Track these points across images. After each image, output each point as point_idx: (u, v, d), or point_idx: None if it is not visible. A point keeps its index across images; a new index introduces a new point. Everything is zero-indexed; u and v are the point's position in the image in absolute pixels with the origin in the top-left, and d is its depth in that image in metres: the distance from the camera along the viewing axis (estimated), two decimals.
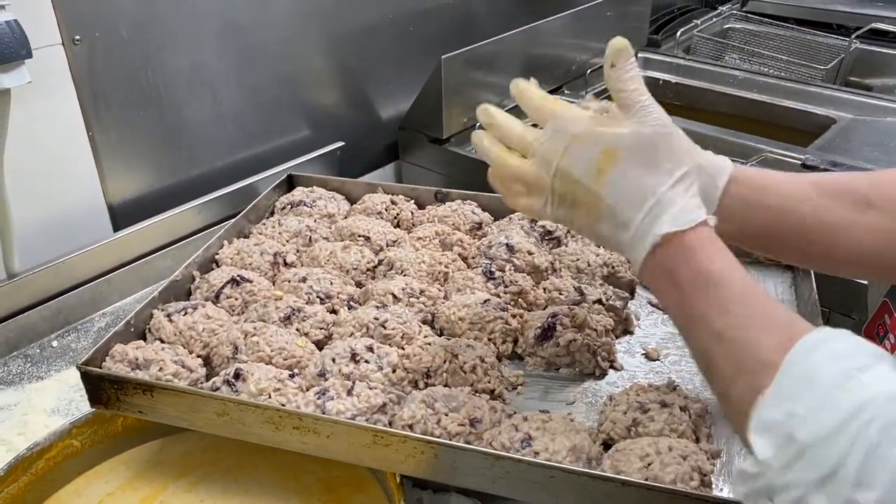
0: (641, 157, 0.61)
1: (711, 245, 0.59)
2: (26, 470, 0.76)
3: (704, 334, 0.56)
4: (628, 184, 0.61)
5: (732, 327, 0.54)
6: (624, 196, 0.61)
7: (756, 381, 0.50)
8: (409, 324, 0.82)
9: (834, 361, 0.48)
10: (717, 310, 0.56)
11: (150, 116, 1.24)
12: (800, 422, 0.46)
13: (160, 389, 0.72)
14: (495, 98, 1.57)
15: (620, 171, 0.61)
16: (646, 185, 0.60)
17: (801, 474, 0.45)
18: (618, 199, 0.61)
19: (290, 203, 1.05)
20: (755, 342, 0.52)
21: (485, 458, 0.66)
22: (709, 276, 0.57)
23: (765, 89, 1.76)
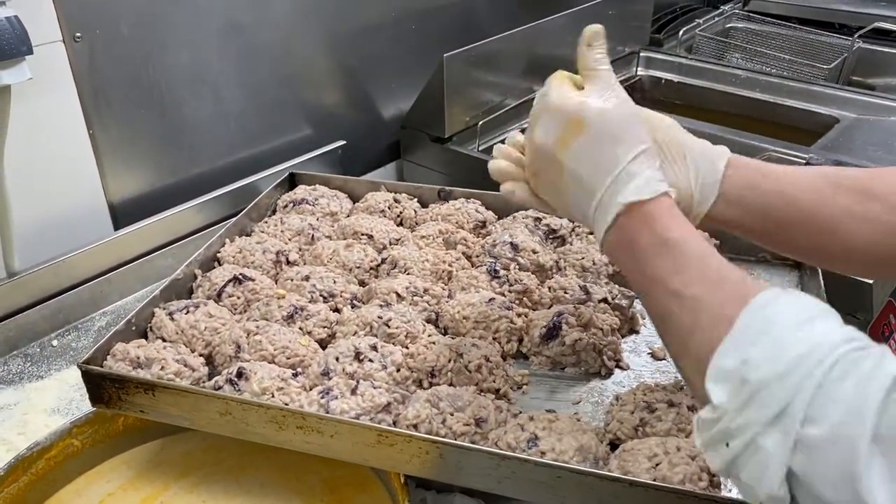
0: (606, 130, 0.62)
1: (670, 213, 0.61)
2: (27, 469, 0.75)
3: (661, 293, 0.58)
4: (592, 154, 0.63)
5: (688, 284, 0.56)
6: (588, 166, 0.63)
7: (713, 335, 0.51)
8: (413, 323, 0.81)
9: (787, 314, 0.50)
10: (675, 270, 0.57)
11: (151, 115, 1.23)
12: (753, 366, 0.47)
13: (162, 388, 0.71)
14: (496, 97, 1.56)
15: (585, 141, 0.62)
16: (610, 156, 0.62)
17: (753, 415, 0.47)
18: (582, 169, 0.63)
19: (292, 201, 1.05)
20: (710, 298, 0.54)
21: (490, 458, 0.65)
22: (666, 241, 0.59)
23: (767, 88, 1.76)
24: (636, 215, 0.61)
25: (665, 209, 0.61)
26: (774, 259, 0.91)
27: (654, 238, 0.59)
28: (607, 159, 0.62)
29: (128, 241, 1.20)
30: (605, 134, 0.62)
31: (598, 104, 0.62)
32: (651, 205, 0.61)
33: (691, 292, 0.56)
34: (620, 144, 0.62)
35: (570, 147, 0.63)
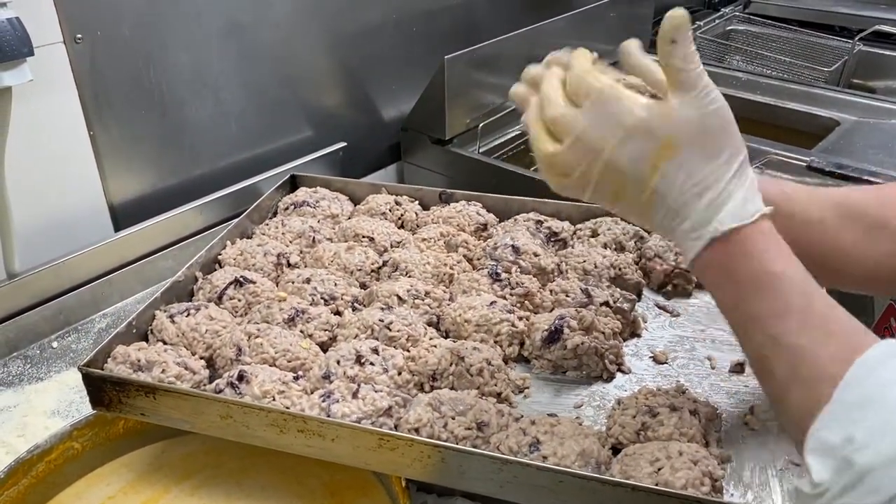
0: (700, 147, 0.56)
1: (773, 243, 0.56)
2: (27, 472, 0.75)
3: (760, 337, 0.54)
4: (685, 176, 0.56)
5: (790, 332, 0.52)
6: (680, 189, 0.56)
7: (813, 394, 0.48)
8: (415, 326, 0.81)
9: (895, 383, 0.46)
10: (776, 313, 0.53)
11: (152, 116, 1.23)
12: (859, 446, 0.44)
13: (163, 392, 0.71)
14: (498, 99, 1.56)
15: (677, 164, 0.56)
16: (705, 176, 0.56)
17: (858, 500, 0.44)
18: (672, 192, 0.57)
19: (293, 203, 1.04)
20: (813, 351, 0.51)
21: (492, 463, 0.65)
22: (769, 277, 0.54)
23: (768, 91, 1.76)
24: (734, 243, 0.56)
25: (765, 235, 0.56)
26: None
27: (754, 271, 0.55)
28: (703, 180, 0.56)
29: (128, 243, 1.20)
30: (701, 152, 0.55)
31: (695, 121, 0.55)
32: (750, 230, 0.55)
33: (792, 341, 0.52)
34: (718, 160, 0.56)
35: (660, 170, 0.56)
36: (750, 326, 0.55)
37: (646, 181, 0.57)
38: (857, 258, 0.66)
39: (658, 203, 0.58)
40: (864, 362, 0.47)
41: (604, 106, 0.58)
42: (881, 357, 0.48)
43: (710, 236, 0.56)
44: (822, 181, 1.37)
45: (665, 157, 0.56)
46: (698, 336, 0.85)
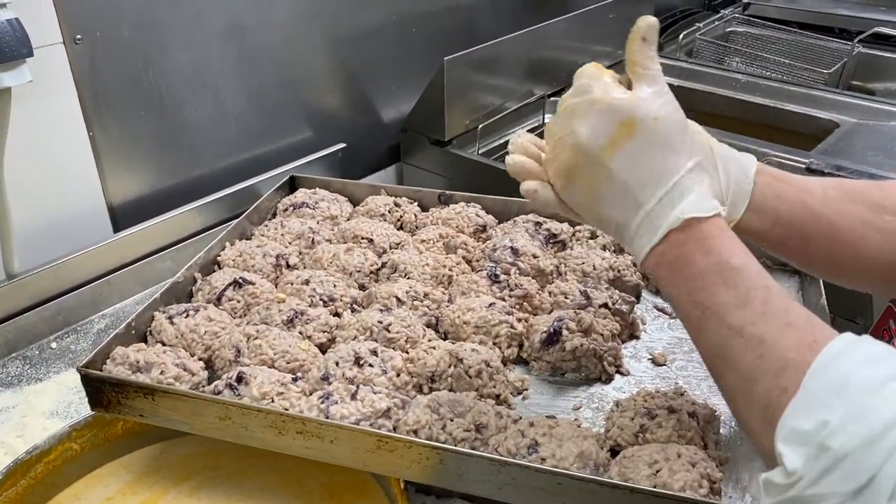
0: (660, 137, 0.57)
1: (730, 237, 0.57)
2: (25, 473, 0.75)
3: (720, 327, 0.54)
4: (645, 162, 0.58)
5: (752, 322, 0.52)
6: (638, 174, 0.58)
7: (779, 382, 0.48)
8: (414, 327, 0.81)
9: (865, 366, 0.46)
10: (737, 304, 0.53)
11: (151, 117, 1.23)
12: (833, 431, 0.44)
13: (161, 393, 0.71)
14: (496, 100, 1.56)
15: (637, 147, 0.58)
16: (665, 165, 0.57)
17: (834, 486, 0.43)
18: (631, 177, 0.58)
19: (292, 205, 1.04)
20: (777, 340, 0.51)
21: (491, 464, 0.65)
22: (728, 269, 0.55)
23: (767, 93, 1.76)
24: (692, 233, 0.56)
25: (723, 229, 0.57)
26: (774, 265, 0.90)
27: (713, 262, 0.55)
28: (661, 169, 0.57)
29: (127, 244, 1.20)
30: (660, 141, 0.57)
31: (654, 107, 0.58)
32: (708, 224, 0.56)
33: (755, 331, 0.52)
34: (676, 154, 0.57)
35: (619, 151, 0.58)
36: (710, 319, 0.55)
37: (603, 157, 0.59)
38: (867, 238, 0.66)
39: (618, 192, 0.59)
40: (830, 350, 0.47)
41: (580, 80, 0.61)
42: (847, 345, 0.48)
43: (668, 227, 0.57)
44: None
45: (624, 135, 0.58)
46: None
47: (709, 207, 0.57)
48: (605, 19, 1.76)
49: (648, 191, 0.58)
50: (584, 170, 0.60)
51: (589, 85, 0.60)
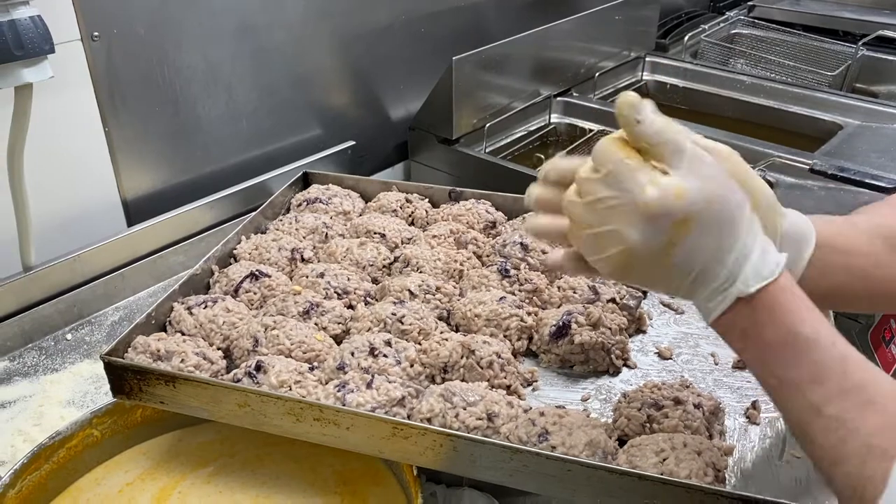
0: (712, 214, 0.53)
1: (798, 300, 0.54)
2: (48, 458, 0.77)
3: (800, 403, 0.52)
4: (704, 248, 0.54)
5: (831, 401, 0.50)
6: (700, 261, 0.54)
7: (864, 471, 0.47)
8: (426, 320, 0.83)
9: None
10: (812, 379, 0.51)
11: (165, 113, 1.25)
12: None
13: (183, 380, 0.73)
14: (504, 100, 1.58)
15: (694, 239, 0.53)
16: (722, 240, 0.54)
17: None
18: (695, 265, 0.54)
19: (305, 200, 1.06)
20: (858, 422, 0.49)
21: (503, 451, 0.67)
22: (798, 339, 0.52)
23: (772, 94, 1.78)
24: (759, 302, 0.53)
25: (789, 292, 0.54)
26: None
27: (783, 333, 0.52)
28: (721, 244, 0.53)
29: (141, 238, 1.22)
30: (715, 221, 0.53)
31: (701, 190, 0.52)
32: (774, 288, 0.53)
33: (834, 411, 0.50)
34: (731, 219, 0.53)
35: (678, 248, 0.54)
36: (786, 391, 0.53)
37: (661, 257, 0.55)
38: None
39: (675, 273, 0.55)
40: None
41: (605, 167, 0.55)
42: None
43: (734, 297, 0.54)
44: (823, 184, 1.39)
45: (682, 233, 0.53)
46: (702, 333, 0.87)
47: (772, 267, 0.54)
48: (611, 20, 1.78)
49: (713, 272, 0.54)
50: (639, 268, 0.56)
51: (621, 177, 0.54)
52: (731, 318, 0.55)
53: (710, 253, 0.54)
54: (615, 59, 1.84)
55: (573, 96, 1.71)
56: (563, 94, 1.71)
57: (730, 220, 0.54)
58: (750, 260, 0.54)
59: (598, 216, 0.55)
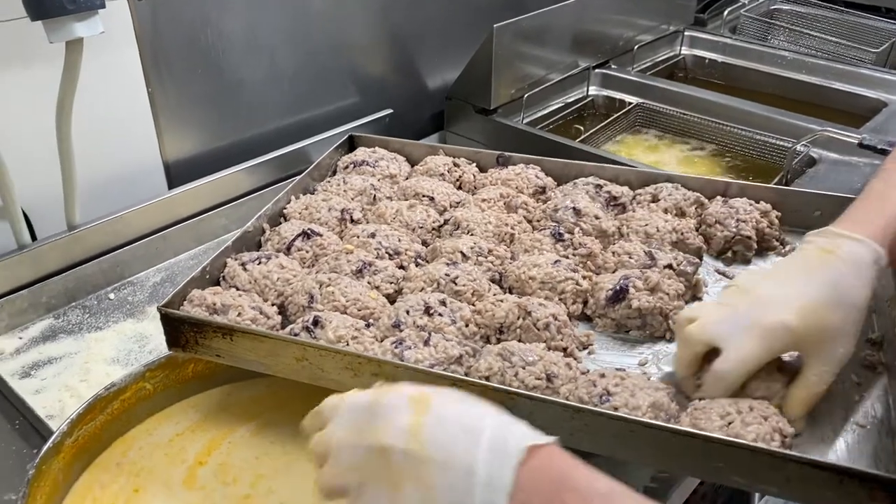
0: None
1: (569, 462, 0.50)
2: (103, 409, 0.77)
3: None
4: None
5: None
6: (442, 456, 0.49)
7: None
8: (479, 281, 0.82)
9: None
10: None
11: (208, 76, 1.25)
12: None
13: (240, 333, 0.73)
14: (541, 71, 1.56)
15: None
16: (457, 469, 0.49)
17: None
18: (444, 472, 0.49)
19: (352, 162, 1.06)
20: None
21: (564, 411, 0.66)
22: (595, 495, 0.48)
23: (813, 70, 1.74)
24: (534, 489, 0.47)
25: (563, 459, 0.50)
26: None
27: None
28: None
29: (182, 200, 1.22)
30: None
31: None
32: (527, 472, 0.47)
33: None
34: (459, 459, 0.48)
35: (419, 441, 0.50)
36: None
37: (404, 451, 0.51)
38: None
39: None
40: None
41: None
42: None
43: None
44: (869, 161, 1.36)
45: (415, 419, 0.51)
46: None
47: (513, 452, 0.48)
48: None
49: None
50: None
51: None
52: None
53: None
54: (654, 32, 1.81)
55: (612, 68, 1.69)
56: (601, 65, 1.68)
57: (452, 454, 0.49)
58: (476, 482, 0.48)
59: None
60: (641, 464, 0.73)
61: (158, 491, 0.74)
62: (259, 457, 0.78)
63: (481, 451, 0.49)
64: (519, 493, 0.48)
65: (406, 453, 0.50)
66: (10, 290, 1.05)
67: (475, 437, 0.50)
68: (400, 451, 0.50)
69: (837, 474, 0.59)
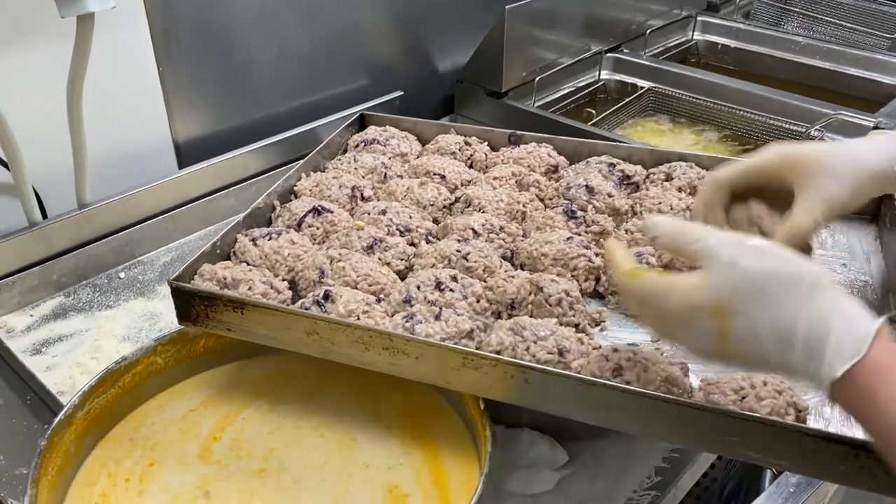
0: (750, 301, 0.53)
1: (890, 363, 0.50)
2: (114, 383, 0.77)
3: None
4: (756, 332, 0.53)
5: None
6: (763, 347, 0.53)
7: None
8: (491, 258, 0.82)
9: None
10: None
11: (218, 56, 1.24)
12: None
13: (251, 307, 0.72)
14: (552, 54, 1.55)
15: (744, 323, 0.53)
16: (777, 326, 0.52)
17: None
18: (760, 351, 0.53)
19: (363, 141, 1.05)
20: None
21: (577, 385, 0.66)
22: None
23: (827, 56, 1.72)
24: (851, 384, 0.50)
25: (882, 369, 0.50)
26: (852, 214, 0.89)
27: (887, 412, 0.49)
28: (777, 329, 0.52)
29: (191, 181, 1.22)
30: (754, 304, 0.52)
31: (725, 280, 0.53)
32: (865, 365, 0.50)
33: None
34: (779, 304, 0.52)
35: (729, 336, 0.54)
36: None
37: (726, 352, 0.56)
38: None
39: (752, 361, 0.55)
40: None
41: (645, 304, 0.59)
42: None
43: (827, 383, 0.51)
44: None
45: (723, 324, 0.54)
46: None
47: (858, 342, 0.50)
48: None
49: (786, 356, 0.52)
50: (727, 359, 0.57)
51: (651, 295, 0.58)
52: (838, 400, 0.53)
53: (771, 335, 0.53)
54: (666, 17, 1.79)
55: (624, 53, 1.67)
56: (613, 50, 1.67)
57: (773, 301, 0.52)
58: (828, 342, 0.51)
59: (654, 327, 0.61)
60: (655, 439, 0.73)
61: (175, 465, 0.74)
62: (272, 432, 0.78)
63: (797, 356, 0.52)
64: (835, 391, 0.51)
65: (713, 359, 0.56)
66: (21, 267, 1.05)
67: None
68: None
69: (853, 448, 0.59)
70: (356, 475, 0.73)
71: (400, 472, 0.73)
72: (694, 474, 0.88)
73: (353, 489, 0.71)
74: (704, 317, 0.55)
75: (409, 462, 0.74)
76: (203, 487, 0.72)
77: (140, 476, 0.73)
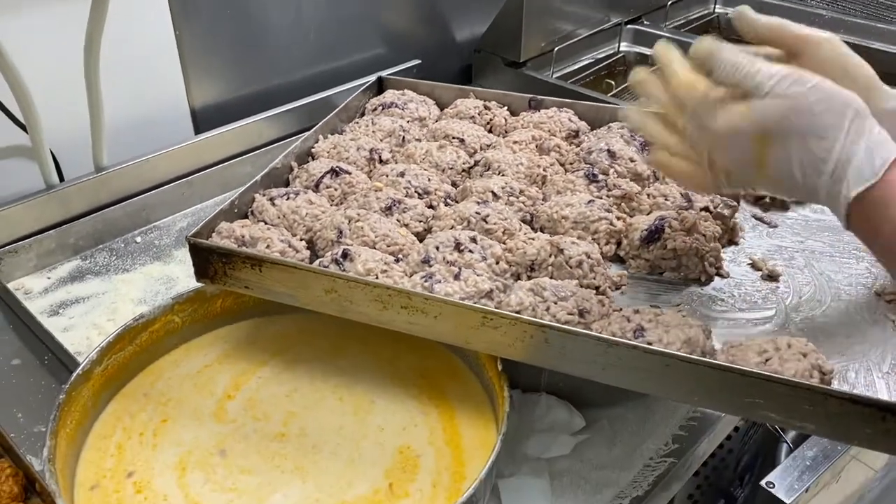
0: (793, 130, 0.57)
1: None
2: (132, 340, 0.77)
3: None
4: (794, 160, 0.58)
5: None
6: (797, 172, 0.58)
7: None
8: (510, 220, 0.81)
9: None
10: None
11: (235, 22, 1.23)
12: None
13: (270, 264, 0.72)
14: (571, 25, 1.53)
15: (781, 152, 0.59)
16: (814, 151, 0.57)
17: None
18: (792, 177, 0.59)
19: (381, 104, 1.04)
20: None
21: (597, 345, 0.65)
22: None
23: (852, 30, 1.69)
24: (868, 204, 0.56)
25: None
26: None
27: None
28: (814, 157, 0.57)
29: (207, 146, 1.21)
30: (796, 134, 0.57)
31: (775, 108, 0.57)
32: (881, 186, 0.55)
33: None
34: (824, 128, 0.56)
35: (768, 161, 0.59)
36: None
37: (759, 177, 0.61)
38: None
39: (784, 185, 0.61)
40: None
41: (692, 113, 0.63)
42: None
43: (845, 204, 0.57)
44: None
45: (765, 149, 0.59)
46: (797, 247, 0.84)
47: (876, 166, 0.55)
48: None
49: (813, 182, 0.58)
50: (753, 184, 0.63)
51: (700, 112, 0.62)
52: (854, 222, 0.58)
53: (803, 164, 0.58)
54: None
55: (644, 24, 1.65)
56: (633, 21, 1.64)
57: (818, 129, 0.56)
58: (852, 164, 0.56)
59: (697, 144, 0.63)
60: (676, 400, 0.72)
61: (188, 422, 0.74)
62: (289, 394, 0.78)
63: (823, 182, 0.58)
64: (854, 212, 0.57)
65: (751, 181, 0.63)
66: (38, 230, 1.05)
67: None
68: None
69: (880, 410, 0.58)
70: (370, 437, 0.72)
71: (413, 433, 0.73)
72: (711, 443, 0.88)
73: (365, 451, 0.71)
74: (746, 141, 0.59)
75: (424, 422, 0.74)
76: (219, 446, 0.72)
77: (154, 431, 0.73)
